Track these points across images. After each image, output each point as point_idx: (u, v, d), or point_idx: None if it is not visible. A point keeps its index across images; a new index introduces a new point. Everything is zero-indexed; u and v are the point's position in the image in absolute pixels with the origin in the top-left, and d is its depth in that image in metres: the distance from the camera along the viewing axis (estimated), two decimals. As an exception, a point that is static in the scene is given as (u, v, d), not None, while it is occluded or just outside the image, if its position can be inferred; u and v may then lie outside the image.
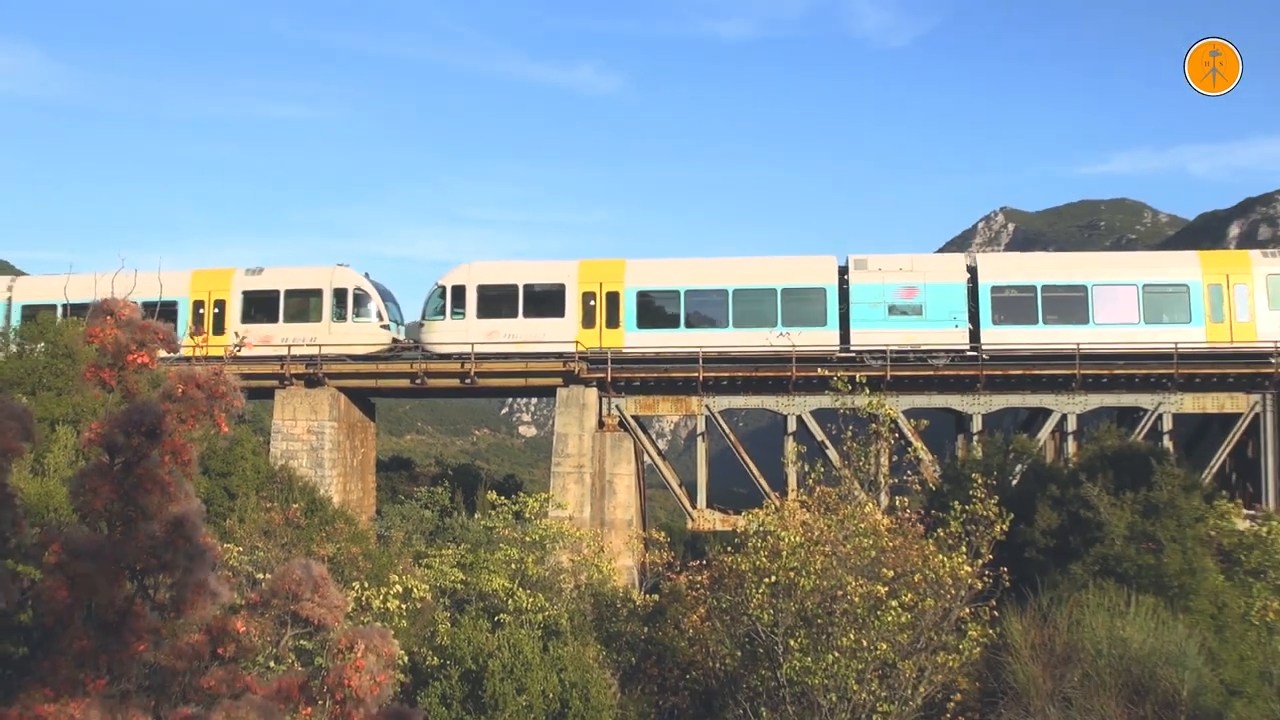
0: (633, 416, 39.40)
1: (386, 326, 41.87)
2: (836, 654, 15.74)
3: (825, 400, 36.48)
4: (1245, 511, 30.04)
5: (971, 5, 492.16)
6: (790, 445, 35.60)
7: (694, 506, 39.31)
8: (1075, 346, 37.67)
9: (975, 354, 38.18)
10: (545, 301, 40.35)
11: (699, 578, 21.03)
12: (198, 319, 40.61)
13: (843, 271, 39.59)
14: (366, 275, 41.62)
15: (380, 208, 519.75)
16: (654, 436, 43.75)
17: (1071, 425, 38.06)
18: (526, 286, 40.80)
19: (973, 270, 39.72)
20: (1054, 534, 21.38)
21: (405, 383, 40.71)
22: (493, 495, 28.43)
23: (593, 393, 38.56)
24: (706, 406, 38.99)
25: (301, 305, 41.38)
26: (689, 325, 39.67)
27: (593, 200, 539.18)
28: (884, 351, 37.59)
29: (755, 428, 61.52)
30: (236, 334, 37.24)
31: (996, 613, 16.94)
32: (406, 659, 15.89)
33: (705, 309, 40.13)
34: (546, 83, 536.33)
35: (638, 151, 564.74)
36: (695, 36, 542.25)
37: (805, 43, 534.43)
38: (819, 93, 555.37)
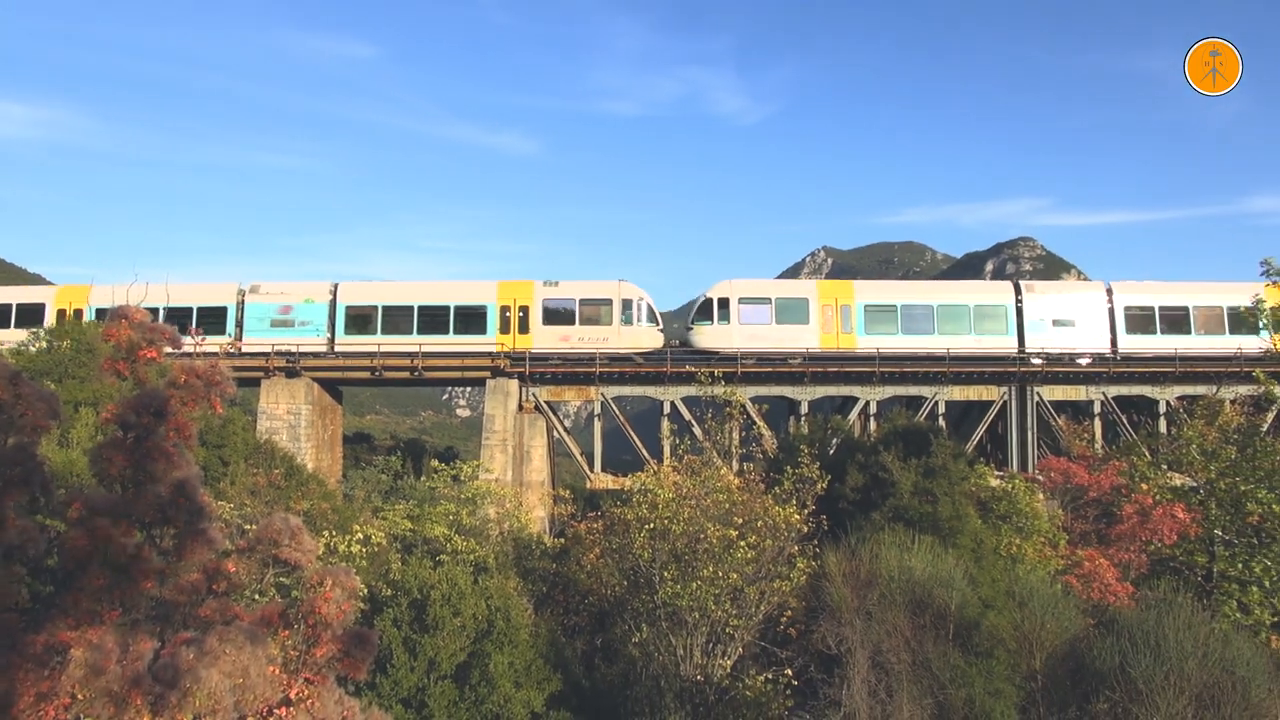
0: (545, 401, 39.18)
1: (663, 331, 40.85)
2: (699, 582, 15.85)
3: (692, 389, 36.76)
4: (996, 473, 31.08)
5: (805, 97, 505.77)
6: (665, 424, 35.81)
7: (592, 471, 39.21)
8: (875, 351, 38.63)
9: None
10: (791, 312, 39.48)
11: (595, 525, 21.01)
12: (504, 321, 39.12)
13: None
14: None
15: (349, 237, 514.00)
16: (561, 417, 43.47)
17: (873, 409, 39.00)
18: (779, 299, 40.14)
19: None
20: (860, 490, 21.72)
21: (366, 374, 39.81)
22: (435, 463, 27.98)
23: (514, 383, 38.25)
24: (602, 394, 38.97)
25: (593, 312, 39.45)
26: None
27: (517, 235, 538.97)
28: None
29: (639, 410, 61.71)
30: (196, 331, 35.53)
31: (818, 550, 17.22)
32: (366, 591, 15.47)
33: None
34: (481, 144, 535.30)
35: (552, 198, 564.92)
36: (595, 112, 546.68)
37: (678, 120, 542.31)
38: (688, 156, 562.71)
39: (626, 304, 39.38)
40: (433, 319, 39.34)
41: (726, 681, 15.98)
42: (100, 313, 39.17)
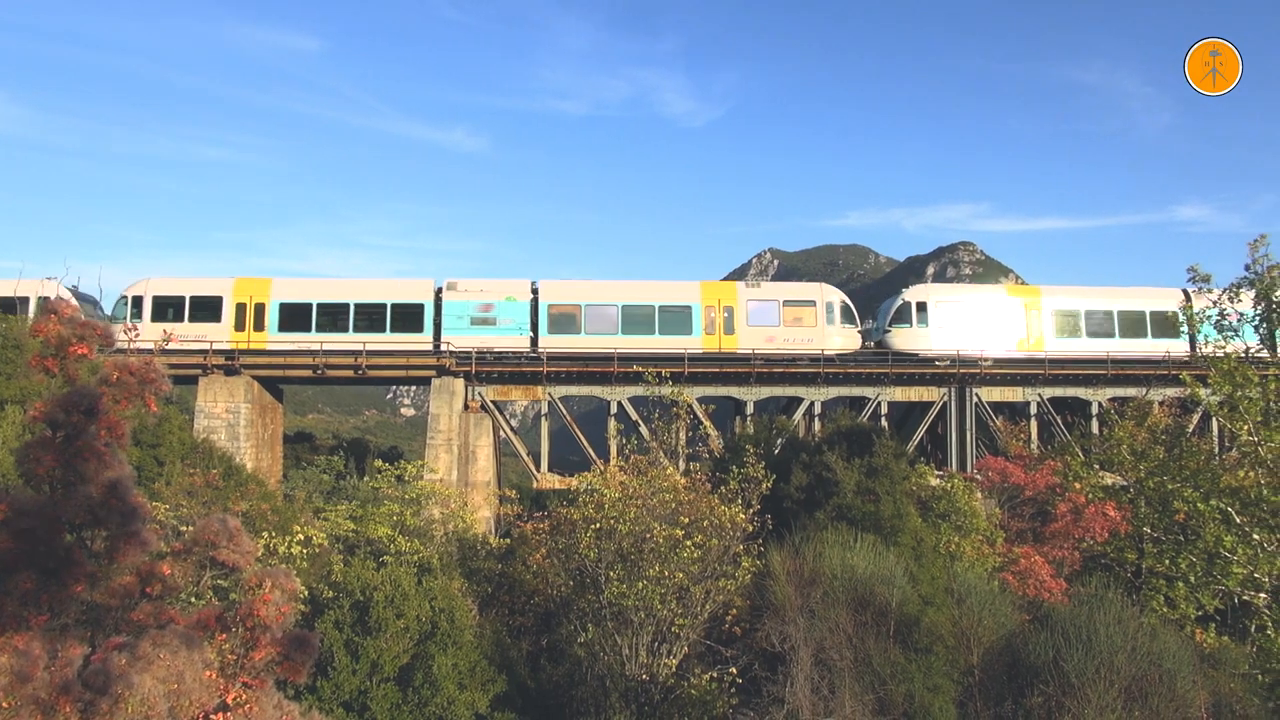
0: (492, 401, 38.89)
1: (865, 332, 40.78)
2: (645, 582, 15.87)
3: (639, 389, 36.79)
4: (936, 472, 31.68)
5: (753, 100, 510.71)
6: (612, 424, 35.80)
7: (538, 471, 39.01)
8: (820, 352, 39.09)
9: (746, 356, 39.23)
10: (989, 313, 39.93)
11: (541, 525, 20.90)
12: (710, 321, 39.02)
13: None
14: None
15: (290, 232, 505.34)
16: (508, 416, 43.17)
17: (818, 410, 39.44)
18: (977, 301, 40.32)
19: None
20: (804, 489, 21.86)
21: (308, 372, 39.06)
22: (379, 463, 27.58)
23: (460, 382, 37.89)
24: (549, 393, 38.82)
25: (798, 314, 39.54)
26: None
27: (463, 232, 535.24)
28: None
29: (586, 410, 61.57)
30: (164, 331, 34.54)
31: (763, 548, 17.35)
32: (306, 593, 15.21)
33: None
34: (428, 140, 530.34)
35: (499, 196, 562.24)
36: (544, 111, 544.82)
37: (626, 120, 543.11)
38: (636, 157, 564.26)
39: (829, 306, 40.01)
40: (636, 319, 39.21)
41: (672, 680, 16.03)
42: (285, 307, 38.23)
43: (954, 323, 39.97)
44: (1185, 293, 39.42)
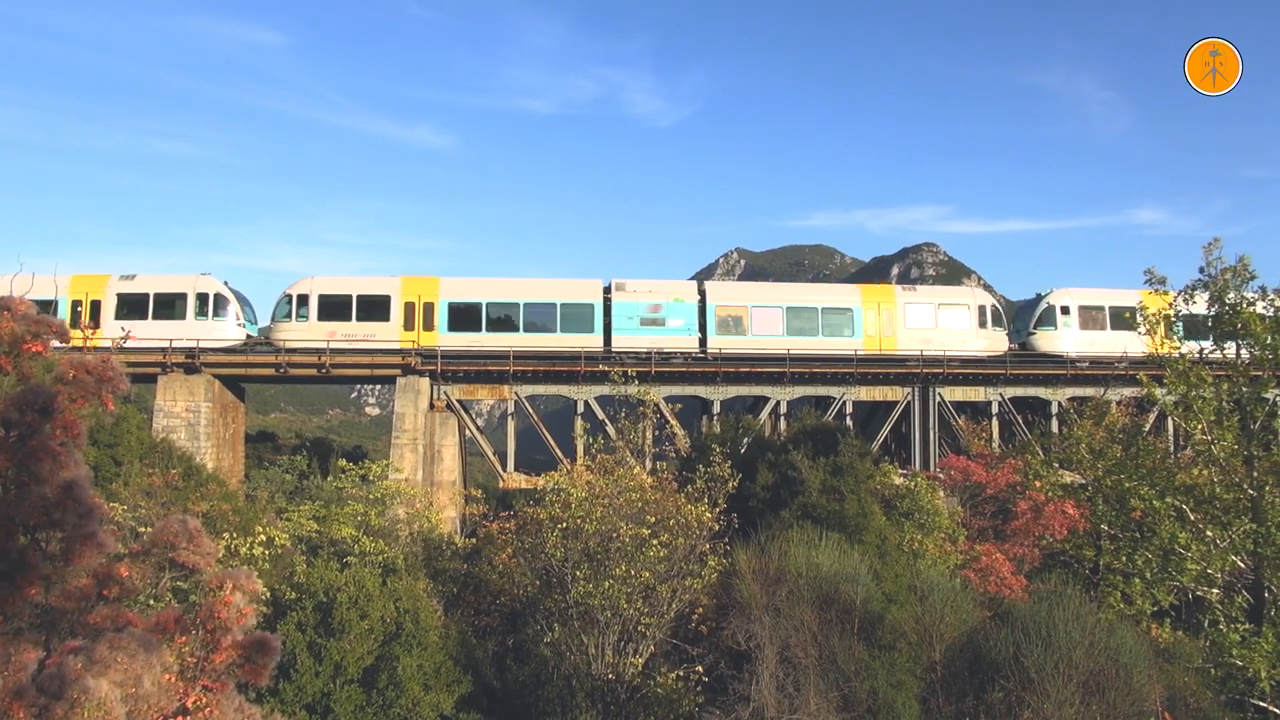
0: (457, 400, 38.66)
1: (1016, 332, 41.65)
2: (612, 581, 15.87)
3: (606, 389, 36.76)
4: (900, 471, 32.01)
5: (721, 101, 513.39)
6: (579, 423, 35.73)
7: (504, 470, 38.87)
8: (786, 351, 39.31)
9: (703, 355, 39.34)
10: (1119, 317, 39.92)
11: (508, 525, 20.84)
12: (871, 322, 40.01)
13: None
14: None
15: (251, 228, 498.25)
16: (474, 415, 42.94)
17: (784, 409, 39.68)
18: (1113, 308, 40.30)
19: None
20: (770, 488, 22.03)
21: (271, 371, 38.57)
22: (343, 462, 27.33)
23: (425, 381, 37.66)
24: (515, 393, 38.68)
25: (953, 317, 40.71)
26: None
27: (428, 230, 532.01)
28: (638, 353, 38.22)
29: (553, 409, 61.37)
30: (123, 329, 33.90)
31: (729, 547, 17.41)
32: (269, 595, 15.03)
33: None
34: (392, 137, 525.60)
35: (466, 194, 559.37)
36: (511, 109, 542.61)
37: (594, 120, 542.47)
38: (604, 156, 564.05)
39: (981, 310, 41.14)
40: (800, 321, 39.94)
41: (638, 679, 16.04)
42: (453, 307, 38.33)
43: (1098, 324, 40.82)
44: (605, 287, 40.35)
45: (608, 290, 39.24)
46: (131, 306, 37.47)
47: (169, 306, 37.68)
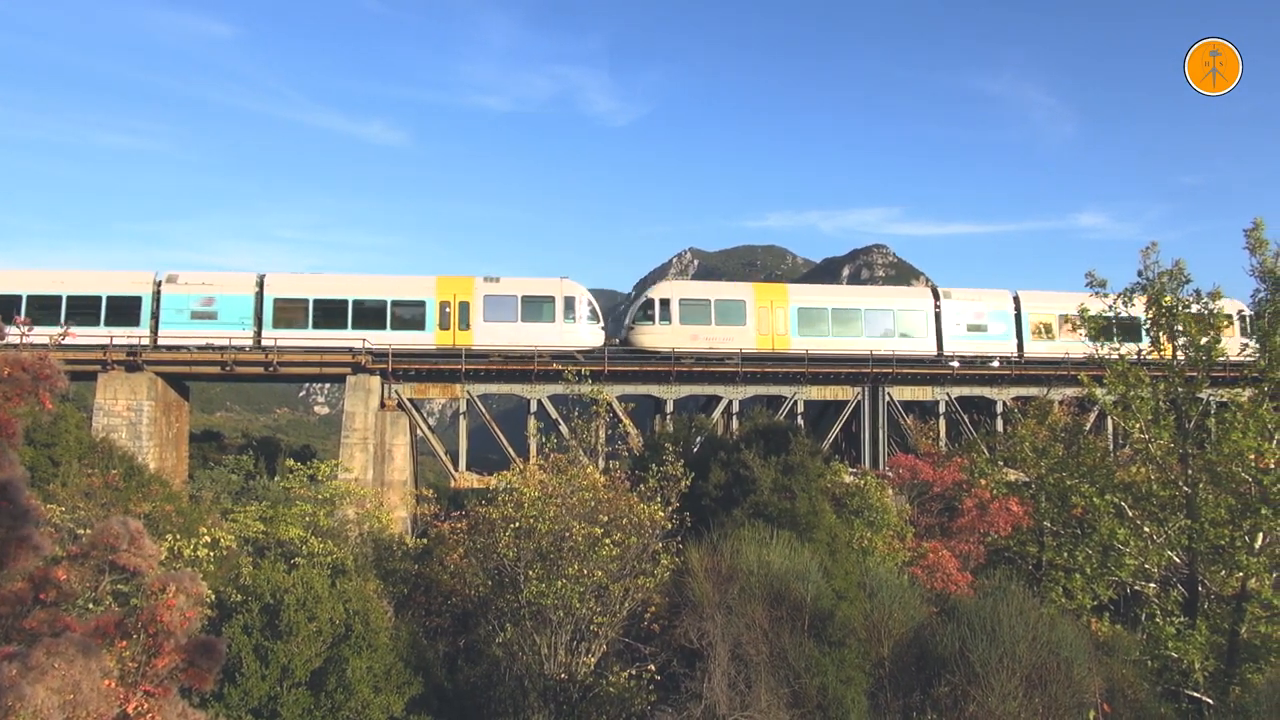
0: (409, 399, 38.24)
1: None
2: (564, 580, 15.83)
3: (559, 388, 36.65)
4: (850, 469, 32.38)
5: (675, 101, 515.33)
6: (532, 422, 35.58)
7: (456, 470, 38.55)
8: (738, 351, 39.58)
9: (668, 355, 39.51)
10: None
11: (459, 525, 20.67)
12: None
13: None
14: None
15: (199, 224, 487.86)
16: (425, 414, 42.51)
17: (736, 408, 39.92)
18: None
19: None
20: (722, 487, 22.02)
21: (216, 369, 37.73)
22: (291, 462, 26.85)
23: (376, 379, 37.19)
24: (468, 391, 38.39)
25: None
26: None
27: (381, 228, 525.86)
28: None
29: (505, 408, 61.01)
30: (62, 327, 32.90)
31: (681, 546, 17.45)
32: (213, 597, 14.72)
33: None
34: (345, 133, 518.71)
35: (419, 191, 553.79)
36: (466, 106, 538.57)
37: (550, 118, 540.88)
38: (559, 155, 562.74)
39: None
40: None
41: (590, 679, 16.03)
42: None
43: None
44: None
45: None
46: (499, 308, 38.10)
47: (537, 310, 38.42)
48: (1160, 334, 19.36)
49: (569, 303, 38.71)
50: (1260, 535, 17.97)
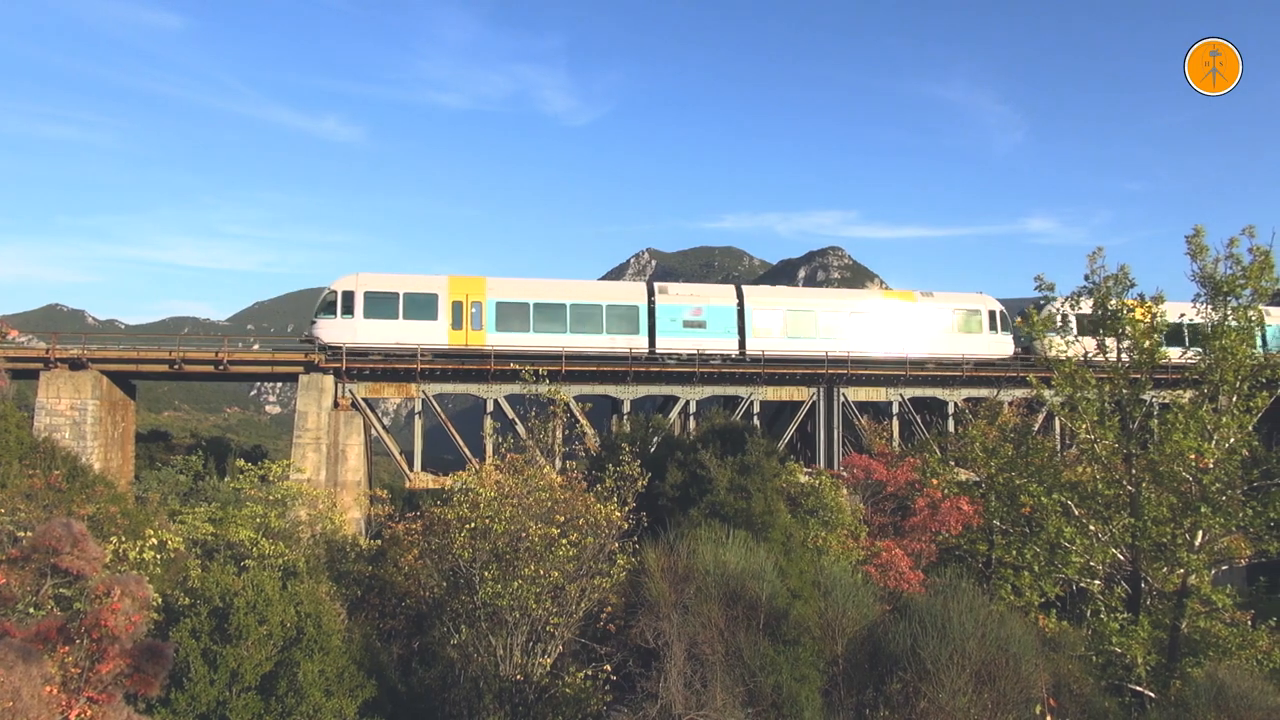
0: (363, 398, 37.79)
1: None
2: (520, 581, 15.75)
3: (516, 387, 36.49)
4: (805, 469, 32.71)
5: (634, 101, 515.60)
6: (488, 422, 35.37)
7: (411, 470, 38.21)
8: (697, 352, 39.73)
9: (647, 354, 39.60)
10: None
11: (414, 526, 20.45)
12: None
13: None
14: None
15: (144, 218, 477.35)
16: (380, 414, 42.02)
17: (693, 408, 40.11)
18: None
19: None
20: (679, 487, 22.07)
21: (164, 368, 36.97)
22: (241, 462, 26.38)
23: (329, 378, 36.71)
24: (423, 391, 38.04)
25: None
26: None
27: (334, 224, 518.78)
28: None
29: (461, 408, 60.52)
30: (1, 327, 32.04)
31: (638, 546, 17.47)
32: (160, 601, 14.40)
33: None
34: (297, 128, 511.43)
35: (374, 188, 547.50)
36: (422, 103, 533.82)
37: (507, 116, 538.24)
38: (517, 153, 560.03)
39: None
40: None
41: (546, 680, 15.97)
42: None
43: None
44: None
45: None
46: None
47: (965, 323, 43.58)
48: (1106, 336, 19.84)
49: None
50: (1200, 533, 18.51)
